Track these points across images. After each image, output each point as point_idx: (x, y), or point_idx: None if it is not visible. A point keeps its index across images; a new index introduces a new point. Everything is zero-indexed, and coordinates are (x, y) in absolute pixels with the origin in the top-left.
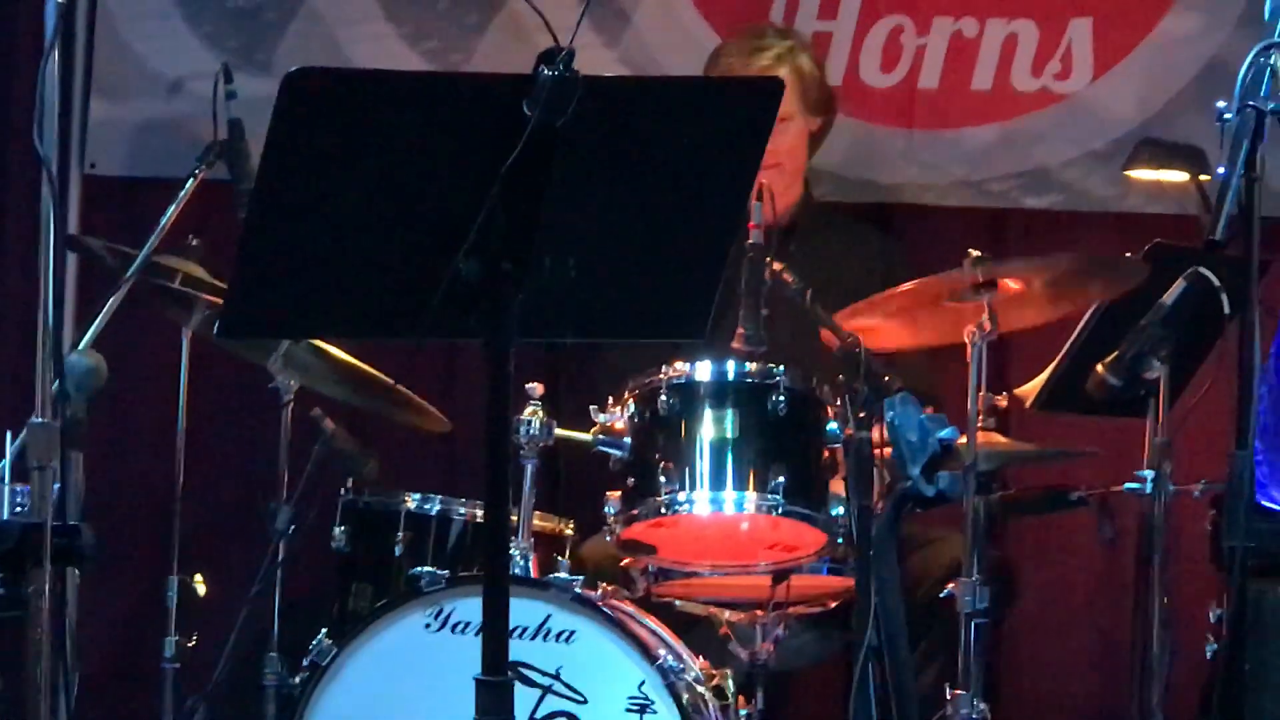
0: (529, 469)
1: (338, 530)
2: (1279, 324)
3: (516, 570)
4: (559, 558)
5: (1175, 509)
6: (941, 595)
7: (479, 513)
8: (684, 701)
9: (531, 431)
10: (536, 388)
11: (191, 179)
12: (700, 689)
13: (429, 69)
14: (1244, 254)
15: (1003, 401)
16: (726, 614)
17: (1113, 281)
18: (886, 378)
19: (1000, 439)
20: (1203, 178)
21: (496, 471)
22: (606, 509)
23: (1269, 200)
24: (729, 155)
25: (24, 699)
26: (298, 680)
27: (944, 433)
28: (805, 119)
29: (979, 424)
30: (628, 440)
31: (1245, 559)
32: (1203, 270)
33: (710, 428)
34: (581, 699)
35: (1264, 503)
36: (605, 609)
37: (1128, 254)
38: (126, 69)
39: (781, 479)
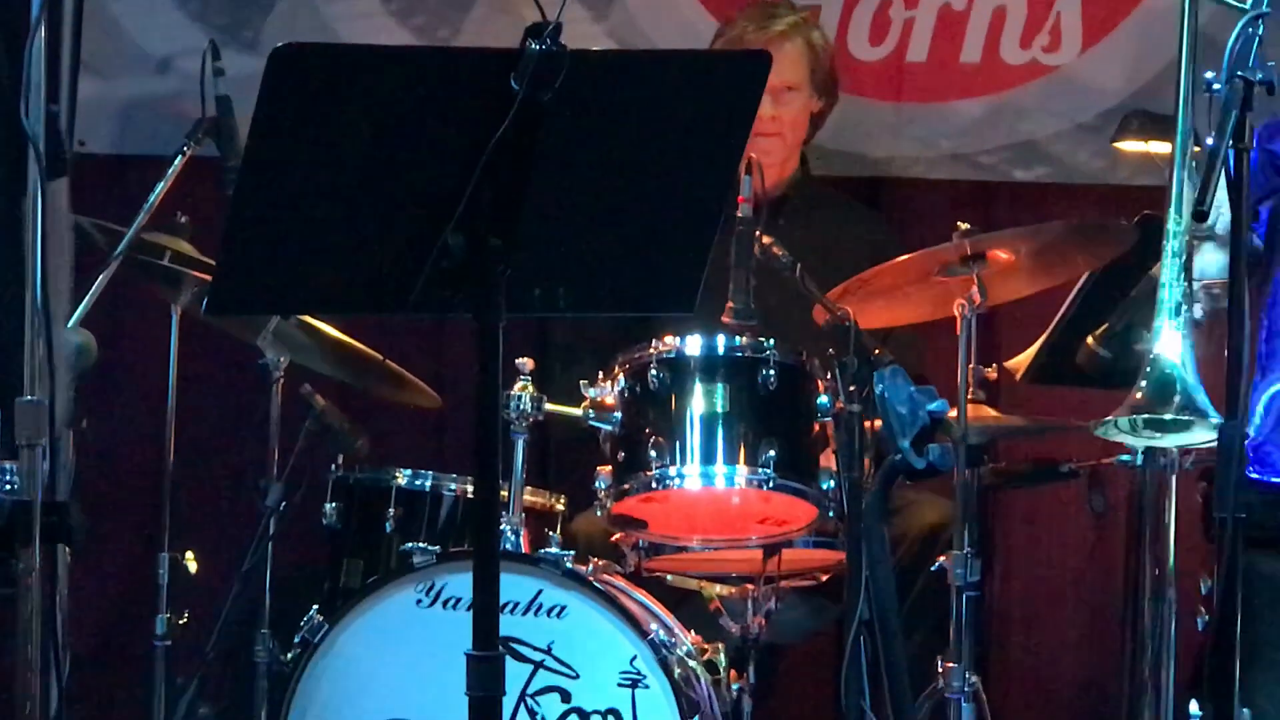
0: (519, 444)
1: (328, 507)
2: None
3: (507, 546)
4: (550, 533)
5: (1166, 481)
6: (933, 569)
7: (469, 488)
8: (676, 676)
9: (522, 407)
10: (527, 363)
11: (180, 156)
12: (692, 663)
13: (416, 44)
14: (1233, 229)
15: (992, 374)
16: (718, 588)
17: (1101, 249)
18: (876, 351)
19: (990, 411)
20: (1192, 149)
21: (486, 447)
22: (597, 484)
23: None
24: (717, 128)
25: (14, 676)
26: (289, 657)
27: (933, 405)
28: (810, 94)
29: (969, 396)
30: (618, 415)
31: (1236, 531)
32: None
33: (700, 402)
34: (573, 674)
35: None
36: (596, 584)
37: (1121, 222)
38: (115, 47)
39: (772, 453)
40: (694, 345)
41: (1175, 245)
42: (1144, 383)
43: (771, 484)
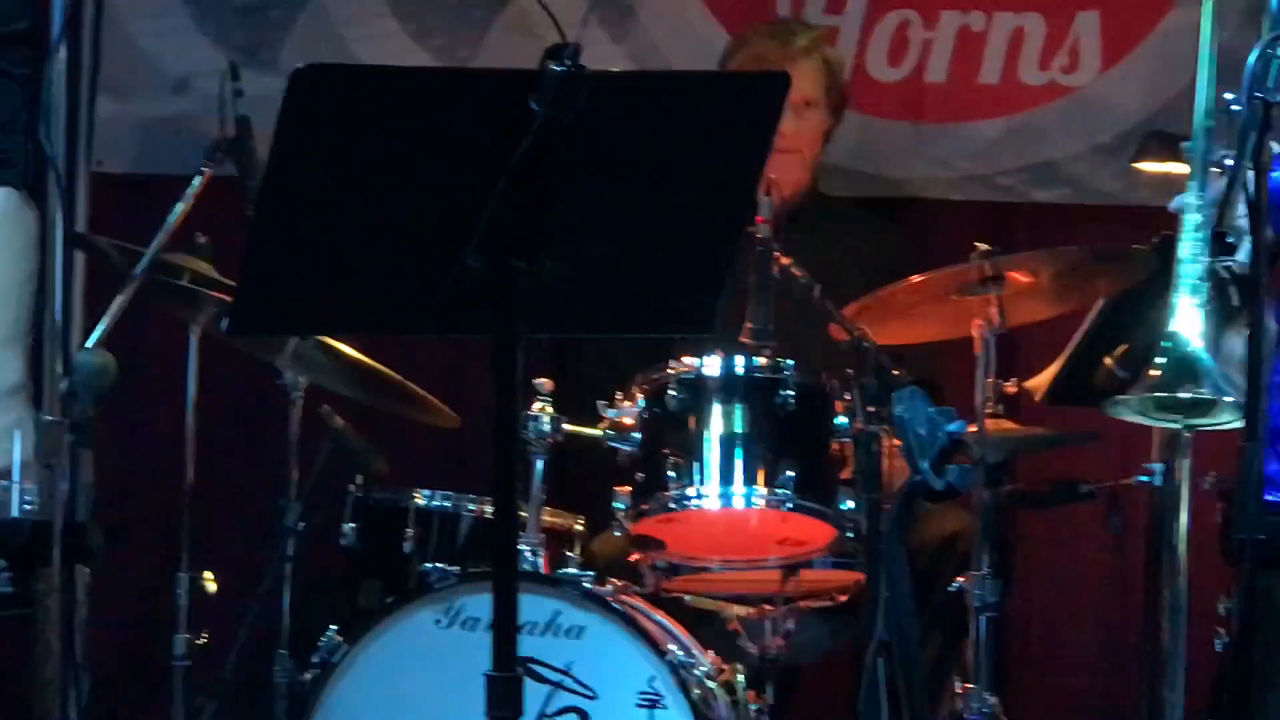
0: (538, 465)
1: (347, 527)
2: None
3: (526, 566)
4: (568, 553)
5: (1191, 498)
6: (951, 589)
7: (488, 509)
8: (694, 696)
9: (540, 427)
10: (545, 383)
11: (199, 176)
12: (710, 684)
13: (435, 65)
14: (1253, 248)
15: (1012, 388)
16: (736, 609)
17: (1121, 274)
18: (895, 371)
19: (1009, 424)
20: (1211, 170)
21: (505, 468)
22: (616, 504)
23: None
24: (737, 148)
25: (34, 696)
26: (308, 677)
27: (952, 426)
28: (826, 111)
29: (988, 409)
30: (637, 435)
31: (1255, 551)
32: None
33: (719, 422)
34: (591, 694)
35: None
36: (615, 604)
37: (1137, 246)
38: (133, 67)
39: (790, 473)
40: (712, 366)
41: (1195, 221)
42: (1161, 360)
43: (790, 505)
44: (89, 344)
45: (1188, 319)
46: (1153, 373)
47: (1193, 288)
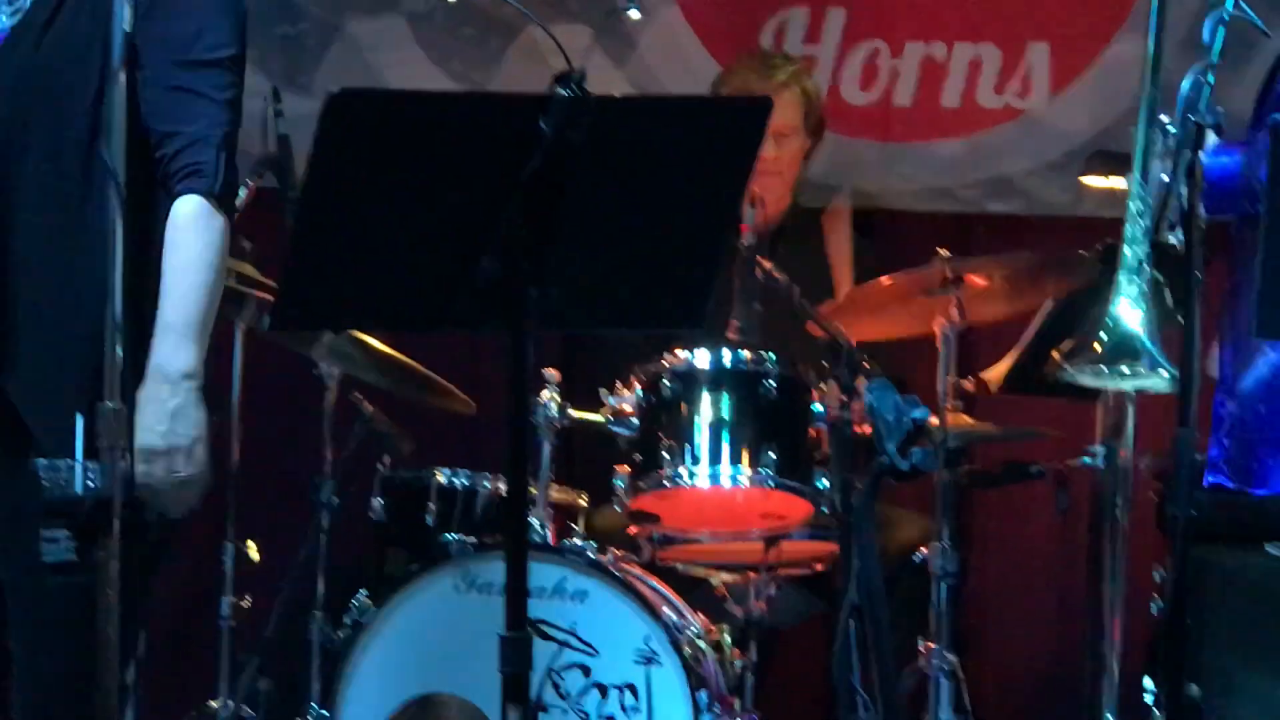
0: (546, 447)
1: (375, 502)
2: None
3: (535, 538)
4: (573, 526)
5: (1130, 480)
6: (916, 560)
7: (502, 486)
8: (685, 654)
9: (549, 414)
10: (553, 374)
11: (244, 188)
12: (700, 643)
13: (456, 88)
14: (1186, 252)
15: (970, 385)
16: (723, 575)
17: (1068, 277)
18: (865, 364)
19: (967, 419)
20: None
21: (517, 449)
22: (616, 482)
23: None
24: (725, 165)
25: (96, 651)
26: (340, 636)
27: (917, 413)
28: (804, 137)
29: (948, 405)
30: (635, 421)
31: (1187, 526)
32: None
33: (708, 409)
34: (594, 652)
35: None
36: (615, 572)
37: (1083, 252)
38: None
39: (772, 455)
40: (703, 359)
41: (1137, 206)
42: (1103, 334)
43: (771, 483)
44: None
45: (1129, 303)
46: (1096, 346)
47: (1133, 269)
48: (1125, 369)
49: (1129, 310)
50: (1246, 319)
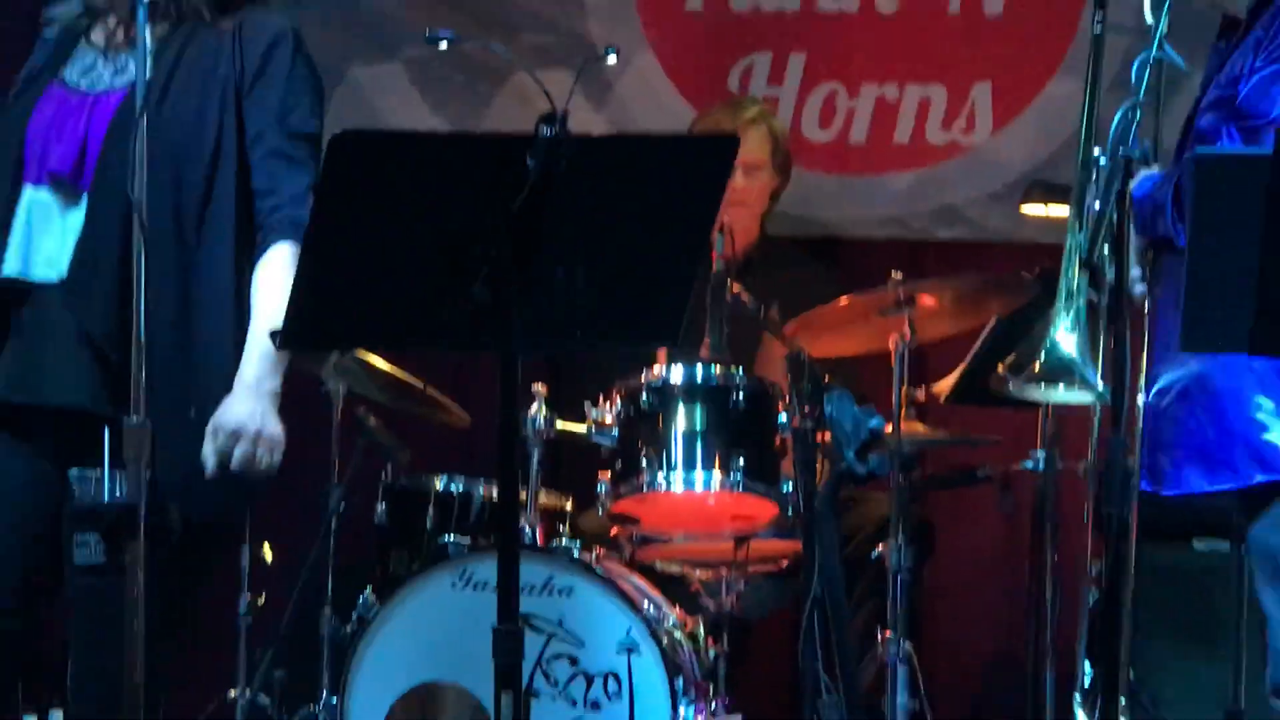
0: (535, 455)
1: (379, 507)
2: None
3: (525, 539)
4: (560, 527)
5: (1063, 482)
6: (872, 556)
7: (494, 491)
8: (664, 644)
9: (537, 425)
10: (540, 389)
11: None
12: (677, 634)
13: (449, 129)
14: (1116, 274)
15: (922, 396)
16: (697, 572)
17: (1010, 297)
18: (826, 378)
19: (919, 427)
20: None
21: (507, 458)
22: (599, 488)
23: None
24: (695, 197)
25: (123, 645)
26: (348, 630)
27: (873, 422)
28: (772, 172)
29: (902, 415)
30: (615, 431)
31: (1121, 524)
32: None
33: (682, 420)
34: (580, 643)
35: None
36: (598, 569)
37: (1024, 274)
38: None
39: (741, 461)
40: (677, 374)
41: (1074, 240)
42: (1042, 355)
43: (740, 487)
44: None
45: (1065, 330)
46: (1036, 366)
47: (1067, 297)
48: (1061, 387)
49: (1065, 335)
50: (1161, 334)
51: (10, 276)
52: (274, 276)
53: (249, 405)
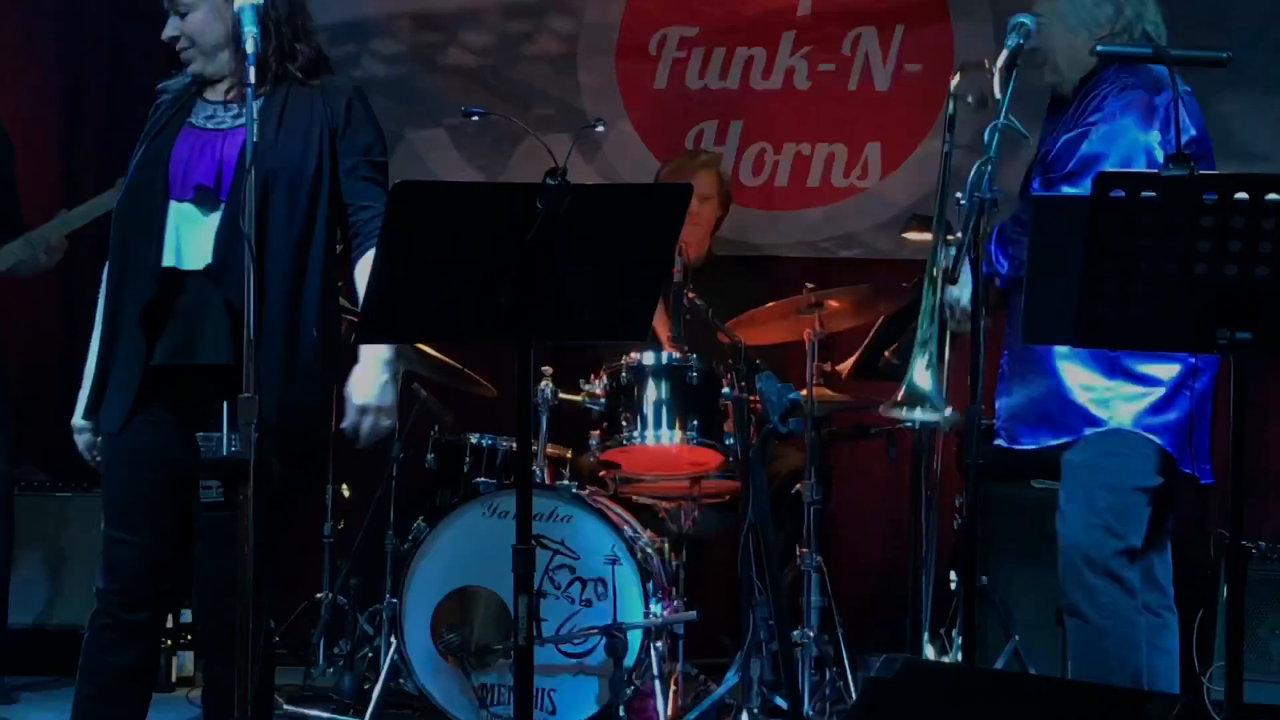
0: (544, 418)
1: (429, 456)
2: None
3: (536, 479)
4: (562, 471)
5: (934, 437)
6: (792, 491)
7: (514, 445)
8: (639, 558)
9: (545, 395)
10: (548, 369)
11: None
12: (649, 550)
13: (480, 179)
14: (973, 296)
15: (829, 369)
16: (663, 503)
17: (892, 300)
18: (757, 361)
19: (828, 393)
20: (949, 238)
21: (523, 420)
22: (591, 442)
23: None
24: (660, 228)
25: (238, 566)
26: (405, 548)
27: (792, 394)
28: (717, 204)
29: (813, 387)
30: (603, 400)
31: (977, 468)
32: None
33: (652, 392)
34: (576, 556)
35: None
36: (590, 501)
37: (904, 284)
38: None
39: (696, 422)
40: (649, 358)
41: (927, 303)
42: (903, 389)
43: (694, 441)
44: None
45: (921, 367)
46: (899, 396)
47: (922, 342)
48: (918, 410)
49: (921, 373)
50: (1013, 335)
51: (168, 266)
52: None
53: (376, 382)
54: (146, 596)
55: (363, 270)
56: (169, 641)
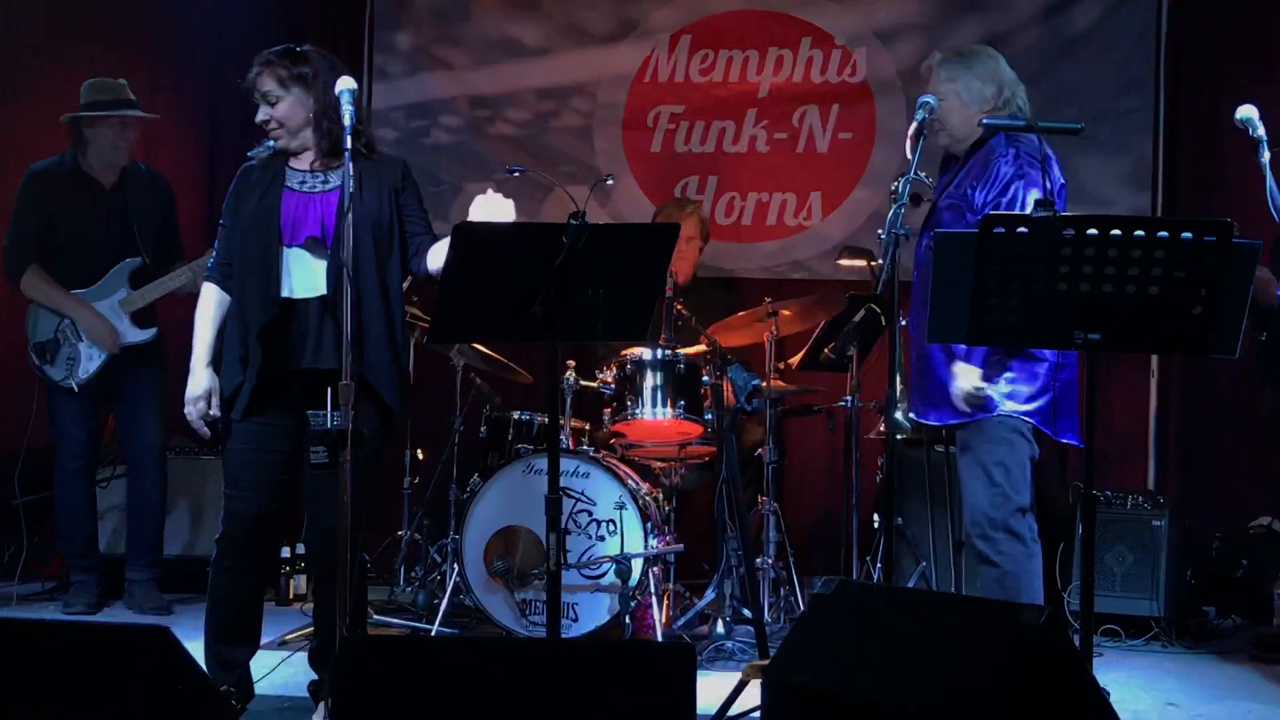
0: (568, 399)
1: (482, 428)
2: (911, 329)
3: (563, 445)
4: (582, 439)
5: (862, 414)
6: (756, 454)
7: (546, 419)
8: (640, 504)
9: (569, 382)
10: (571, 362)
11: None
12: (648, 498)
13: (520, 220)
14: (888, 299)
15: (783, 366)
16: (657, 463)
17: (831, 309)
18: (729, 356)
19: (781, 383)
20: (872, 264)
21: (553, 400)
22: (604, 417)
23: (905, 273)
24: (655, 256)
25: (338, 513)
26: (465, 497)
27: (755, 381)
28: (700, 240)
29: (772, 376)
30: (612, 385)
31: (893, 438)
32: (873, 305)
33: (650, 379)
34: (593, 503)
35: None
36: (604, 462)
37: (839, 297)
38: None
39: (682, 402)
40: (647, 354)
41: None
42: (883, 418)
43: (682, 416)
44: None
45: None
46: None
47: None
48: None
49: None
50: (918, 339)
51: (287, 297)
52: (439, 249)
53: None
54: (256, 540)
55: (435, 253)
56: (288, 568)
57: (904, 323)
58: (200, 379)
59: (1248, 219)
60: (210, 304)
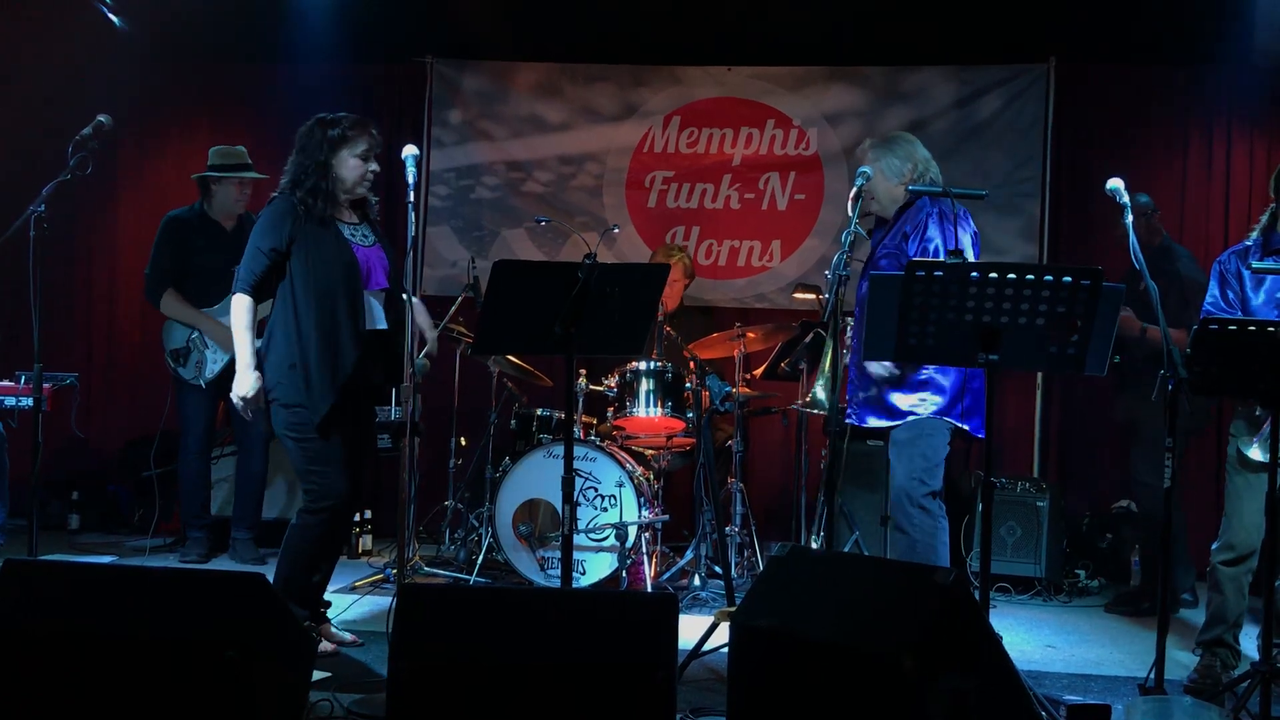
0: (580, 399)
1: (512, 422)
2: (852, 350)
3: (575, 436)
4: (591, 431)
5: (811, 416)
6: (726, 444)
7: (562, 415)
8: (636, 483)
9: (581, 386)
10: (583, 370)
11: (460, 298)
12: (641, 478)
13: (545, 259)
14: (831, 325)
15: (749, 376)
16: (649, 451)
17: (787, 334)
18: (708, 368)
19: (747, 389)
20: (820, 297)
21: (569, 401)
22: (609, 413)
23: (846, 304)
24: (648, 289)
25: (397, 489)
26: (498, 475)
27: (728, 388)
28: (686, 279)
29: (740, 384)
30: (615, 389)
31: (837, 432)
32: (819, 330)
33: (644, 384)
34: (599, 481)
35: (867, 420)
36: (607, 449)
37: (793, 324)
38: (433, 259)
39: (670, 403)
40: (642, 365)
41: (828, 345)
42: (810, 395)
43: (669, 414)
44: (419, 358)
45: (821, 382)
46: (806, 399)
47: (824, 369)
48: (815, 410)
49: (820, 389)
50: (856, 354)
51: (372, 329)
52: (421, 318)
53: (245, 381)
54: (336, 509)
55: (420, 316)
56: (357, 529)
57: (848, 341)
58: (251, 381)
59: (1113, 266)
60: (248, 312)
